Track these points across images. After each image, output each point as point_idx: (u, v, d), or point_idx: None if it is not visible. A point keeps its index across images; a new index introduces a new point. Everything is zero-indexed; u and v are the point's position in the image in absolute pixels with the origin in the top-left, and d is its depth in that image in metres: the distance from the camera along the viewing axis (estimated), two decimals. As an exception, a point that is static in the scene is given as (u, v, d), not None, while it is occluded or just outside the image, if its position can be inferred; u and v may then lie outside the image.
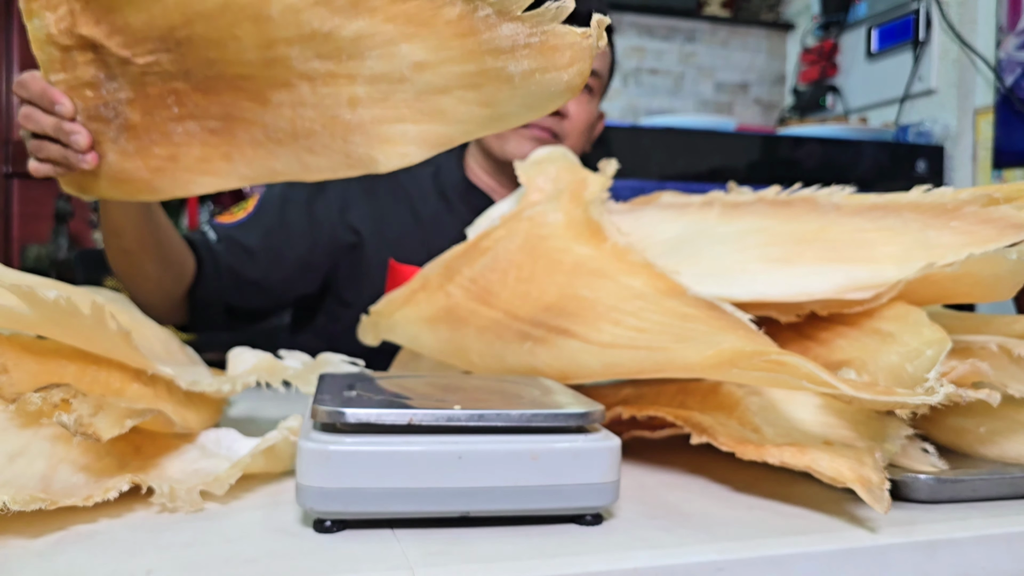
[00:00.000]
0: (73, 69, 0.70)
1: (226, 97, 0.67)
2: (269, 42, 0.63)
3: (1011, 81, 2.13)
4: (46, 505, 0.44)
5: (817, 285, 0.59)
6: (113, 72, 0.69)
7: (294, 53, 0.63)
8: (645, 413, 0.60)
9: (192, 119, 0.69)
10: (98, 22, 0.67)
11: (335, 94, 0.63)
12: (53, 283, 0.60)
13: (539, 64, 0.55)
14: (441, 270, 0.72)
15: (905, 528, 0.48)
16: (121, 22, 0.67)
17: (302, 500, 0.45)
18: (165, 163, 0.71)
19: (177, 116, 0.69)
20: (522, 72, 0.55)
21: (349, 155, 0.64)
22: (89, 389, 0.54)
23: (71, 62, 0.70)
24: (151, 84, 0.69)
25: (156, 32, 0.66)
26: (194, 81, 0.68)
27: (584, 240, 0.67)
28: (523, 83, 0.55)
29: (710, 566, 0.44)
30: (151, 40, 0.67)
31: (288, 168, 0.68)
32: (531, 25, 0.54)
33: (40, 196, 2.78)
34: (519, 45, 0.55)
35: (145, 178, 0.72)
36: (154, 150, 0.70)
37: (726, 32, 2.93)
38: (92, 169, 0.72)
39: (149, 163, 0.71)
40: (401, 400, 0.50)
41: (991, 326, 0.62)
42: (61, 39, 0.69)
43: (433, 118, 0.58)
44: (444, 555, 0.43)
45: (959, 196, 0.62)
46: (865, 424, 0.54)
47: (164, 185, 0.72)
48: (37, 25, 0.69)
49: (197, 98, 0.68)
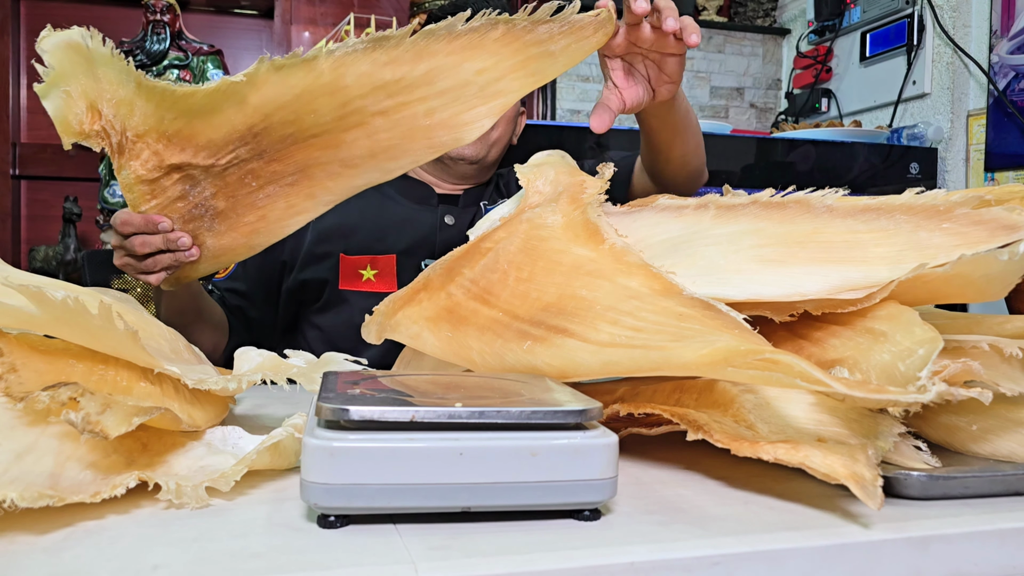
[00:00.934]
0: (163, 193, 0.80)
1: (299, 156, 0.76)
2: (343, 103, 0.72)
3: (1003, 85, 2.15)
4: (54, 502, 0.45)
5: (811, 285, 0.60)
6: (197, 180, 0.79)
7: (367, 103, 0.73)
8: (642, 410, 0.61)
9: (271, 184, 0.78)
10: (183, 149, 0.77)
11: (411, 115, 0.73)
12: (61, 284, 0.61)
13: (573, 39, 0.73)
14: (442, 271, 0.72)
15: (898, 524, 0.49)
16: (204, 140, 0.76)
17: (306, 496, 0.46)
18: (257, 224, 0.80)
19: (257, 187, 0.78)
20: (561, 48, 0.73)
21: (432, 146, 0.75)
22: (97, 388, 0.55)
23: (160, 188, 0.80)
24: (230, 174, 0.78)
25: (236, 135, 0.75)
26: (267, 157, 0.77)
27: (582, 241, 0.67)
28: (563, 54, 0.73)
29: (706, 560, 0.45)
30: (232, 143, 0.76)
31: (369, 180, 0.78)
32: (559, 22, 0.72)
33: (48, 198, 2.78)
34: (555, 34, 0.72)
35: (243, 243, 0.82)
36: (244, 220, 0.80)
37: (721, 38, 2.94)
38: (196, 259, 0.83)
39: (242, 231, 0.81)
40: (403, 398, 0.51)
41: (982, 326, 0.63)
42: (149, 175, 0.78)
43: (496, 96, 0.73)
44: (445, 549, 0.43)
45: (951, 198, 0.63)
46: (858, 422, 0.55)
47: (260, 241, 0.82)
48: (126, 175, 0.78)
49: (273, 167, 0.77)
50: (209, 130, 0.75)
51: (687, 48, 0.80)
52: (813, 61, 2.78)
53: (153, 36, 2.47)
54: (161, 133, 0.76)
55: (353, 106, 0.72)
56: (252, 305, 1.20)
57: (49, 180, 2.78)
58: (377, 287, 1.20)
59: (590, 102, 2.79)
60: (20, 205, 2.79)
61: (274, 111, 0.73)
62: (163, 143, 0.76)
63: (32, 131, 2.77)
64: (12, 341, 0.56)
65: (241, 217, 0.80)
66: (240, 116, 0.74)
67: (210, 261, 0.84)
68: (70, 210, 2.57)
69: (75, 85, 0.74)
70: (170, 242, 0.81)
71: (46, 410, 0.51)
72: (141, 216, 0.81)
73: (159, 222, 0.80)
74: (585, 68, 2.80)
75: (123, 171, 0.78)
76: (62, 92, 0.74)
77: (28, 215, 2.80)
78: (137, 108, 0.75)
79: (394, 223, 1.23)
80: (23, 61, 2.75)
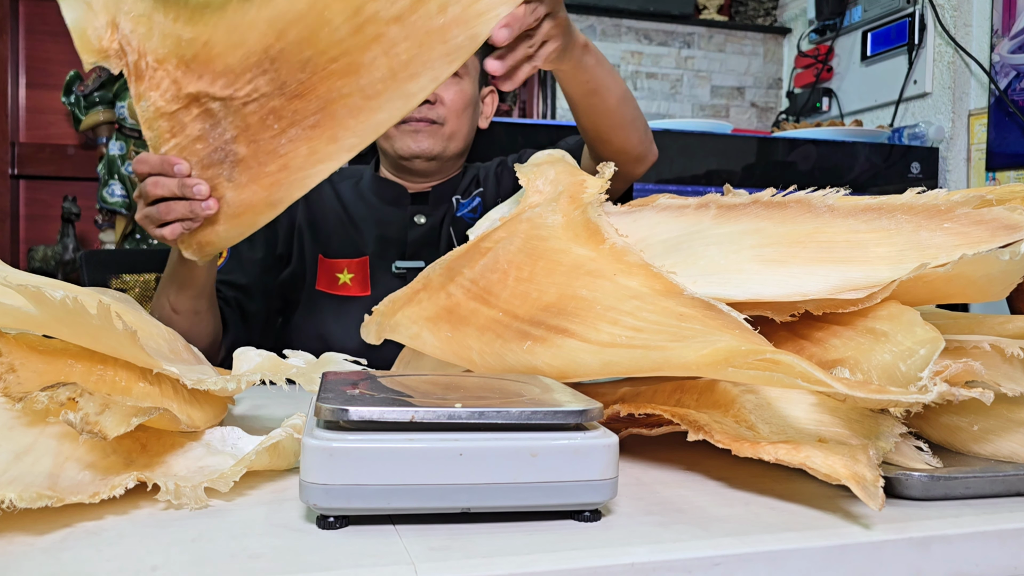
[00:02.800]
0: (182, 130, 0.78)
1: (320, 89, 0.74)
2: (357, 8, 0.71)
3: (1005, 84, 2.15)
4: (52, 502, 0.45)
5: (811, 285, 0.60)
6: (217, 118, 0.77)
7: (380, 5, 0.71)
8: (642, 411, 0.60)
9: (293, 126, 0.76)
10: (200, 76, 0.76)
11: (424, 14, 0.71)
12: (60, 283, 0.61)
13: None
14: (442, 271, 0.72)
15: (899, 525, 0.49)
16: (221, 66, 0.75)
17: (306, 496, 0.46)
18: (279, 175, 0.78)
19: (279, 131, 0.76)
20: None
21: (449, 52, 0.72)
22: (95, 388, 0.55)
23: (179, 125, 0.78)
24: (251, 114, 0.76)
25: (253, 58, 0.74)
26: (289, 91, 0.75)
27: (582, 241, 0.67)
28: None
29: (706, 561, 0.44)
30: (249, 69, 0.75)
31: (391, 110, 0.75)
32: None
33: (46, 198, 2.78)
34: None
35: (263, 198, 0.79)
36: (266, 170, 0.78)
37: (722, 37, 2.94)
38: (212, 217, 0.80)
39: (263, 183, 0.78)
40: (403, 398, 0.50)
41: (984, 326, 0.63)
42: (169, 107, 0.77)
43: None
44: (445, 550, 0.43)
45: (952, 198, 0.63)
46: (859, 422, 0.55)
47: (281, 195, 0.79)
48: (145, 107, 0.77)
49: (295, 105, 0.75)
50: (226, 53, 0.74)
51: None
52: (814, 60, 2.78)
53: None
54: (180, 58, 0.75)
55: (367, 11, 0.71)
56: (250, 299, 1.19)
57: (48, 180, 2.78)
58: (352, 291, 1.22)
59: (591, 101, 2.78)
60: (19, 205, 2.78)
61: (287, 26, 0.72)
62: (182, 69, 0.75)
63: (31, 131, 2.77)
64: (11, 341, 0.56)
65: (263, 166, 0.77)
66: (254, 34, 0.73)
67: (230, 221, 0.81)
68: (69, 210, 2.57)
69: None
70: (185, 187, 0.78)
71: (45, 410, 0.51)
72: (158, 156, 0.79)
73: (176, 163, 0.78)
74: (586, 67, 2.79)
75: (142, 102, 0.76)
76: (82, 4, 0.73)
77: (27, 215, 2.80)
78: (156, 25, 0.74)
79: (367, 224, 1.25)
80: (22, 61, 2.75)
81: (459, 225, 1.27)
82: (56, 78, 2.68)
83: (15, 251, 2.73)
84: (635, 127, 1.05)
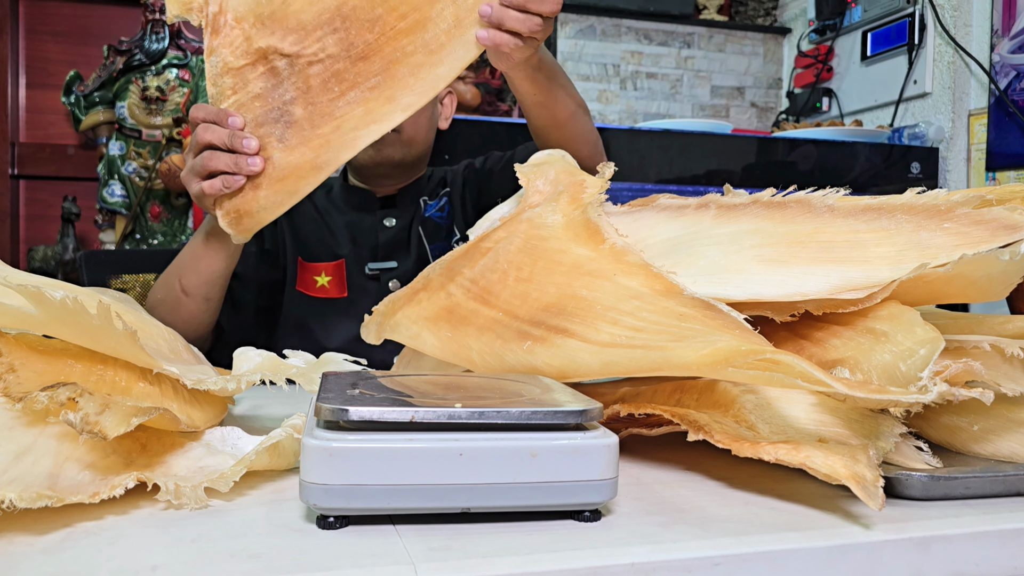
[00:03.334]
0: (244, 87, 0.80)
1: (386, 49, 0.77)
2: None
3: (1005, 84, 2.15)
4: (52, 502, 0.45)
5: (811, 285, 0.60)
6: (280, 77, 0.79)
7: None
8: (642, 411, 0.60)
9: (354, 88, 0.78)
10: (273, 31, 0.78)
11: None
12: (60, 283, 0.61)
13: None
14: (442, 271, 0.72)
15: (899, 525, 0.49)
16: (295, 21, 0.77)
17: (306, 496, 0.46)
18: (330, 136, 0.78)
19: (339, 93, 0.78)
20: None
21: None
22: (95, 388, 0.55)
23: (242, 81, 0.79)
24: (315, 75, 0.78)
25: (327, 15, 0.76)
26: (355, 53, 0.77)
27: (582, 241, 0.67)
28: None
29: (706, 561, 0.44)
30: (321, 26, 0.77)
31: (453, 62, 0.78)
32: None
33: (46, 197, 2.78)
34: None
35: (310, 159, 0.79)
36: (318, 131, 0.78)
37: (722, 37, 2.94)
38: (256, 180, 0.80)
39: (312, 144, 0.79)
40: (403, 398, 0.50)
41: (984, 326, 0.63)
42: (236, 62, 0.79)
43: None
44: (445, 550, 0.43)
45: (952, 198, 0.63)
46: (859, 422, 0.55)
47: (328, 157, 0.79)
48: (215, 62, 0.79)
49: (359, 67, 0.77)
50: (302, 8, 0.76)
51: None
52: (814, 60, 2.78)
53: (152, 35, 2.47)
54: (257, 16, 0.77)
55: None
56: (244, 288, 1.20)
57: (48, 180, 2.78)
58: (330, 293, 1.24)
59: (590, 101, 2.79)
60: (19, 205, 2.79)
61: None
62: (257, 27, 0.77)
63: (31, 131, 2.77)
64: (11, 341, 0.56)
65: (315, 128, 0.78)
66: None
67: (273, 185, 0.80)
68: (69, 210, 2.57)
69: None
70: (236, 139, 0.79)
71: (45, 410, 0.51)
72: (215, 107, 0.81)
73: (231, 115, 0.79)
74: (585, 67, 2.80)
75: (212, 57, 0.78)
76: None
77: (27, 215, 2.80)
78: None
79: (340, 229, 1.28)
80: (22, 61, 2.75)
81: (428, 225, 1.30)
82: (56, 78, 2.68)
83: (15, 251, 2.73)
84: (585, 141, 1.07)
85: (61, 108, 2.66)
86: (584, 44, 2.79)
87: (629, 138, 2.07)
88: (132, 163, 2.49)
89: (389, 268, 1.25)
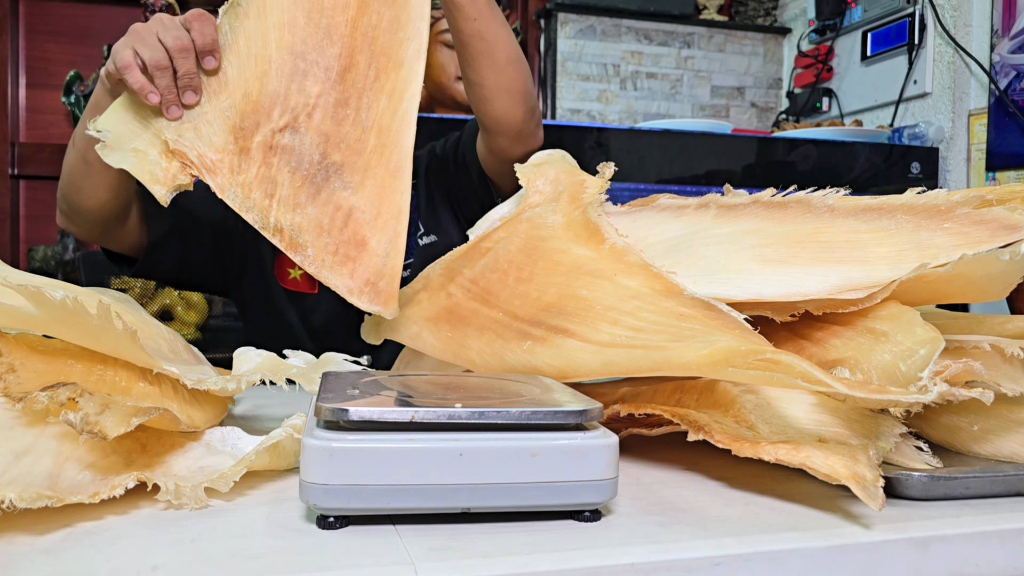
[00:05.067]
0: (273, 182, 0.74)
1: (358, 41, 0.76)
2: None
3: (1005, 84, 2.15)
4: (52, 502, 0.45)
5: (811, 285, 0.60)
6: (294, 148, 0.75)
7: None
8: (642, 411, 0.60)
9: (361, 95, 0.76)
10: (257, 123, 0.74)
11: None
12: (60, 283, 0.61)
13: None
14: (442, 271, 0.72)
15: (899, 525, 0.49)
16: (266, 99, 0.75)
17: (306, 496, 0.46)
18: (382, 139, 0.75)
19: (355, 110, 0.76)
20: None
21: None
22: (95, 388, 0.55)
23: (269, 182, 0.74)
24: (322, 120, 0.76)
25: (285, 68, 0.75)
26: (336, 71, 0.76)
27: (583, 241, 0.67)
28: None
29: (706, 561, 0.44)
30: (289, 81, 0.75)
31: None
32: None
33: (46, 197, 2.78)
34: None
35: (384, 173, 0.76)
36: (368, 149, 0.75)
37: (722, 37, 2.94)
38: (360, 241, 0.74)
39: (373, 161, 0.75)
40: (403, 398, 0.50)
41: (984, 326, 0.63)
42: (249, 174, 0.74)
43: None
44: (445, 550, 0.43)
45: (952, 198, 0.63)
46: (859, 422, 0.55)
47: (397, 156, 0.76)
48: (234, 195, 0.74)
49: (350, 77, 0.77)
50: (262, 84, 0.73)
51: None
52: (814, 60, 2.78)
53: (153, 35, 2.46)
54: (232, 128, 0.73)
55: None
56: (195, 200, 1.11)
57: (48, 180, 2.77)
58: (301, 287, 1.22)
59: (590, 101, 2.79)
60: (19, 205, 2.78)
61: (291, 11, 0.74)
62: (239, 135, 0.73)
63: (31, 131, 2.77)
64: (11, 341, 0.56)
65: (364, 149, 0.74)
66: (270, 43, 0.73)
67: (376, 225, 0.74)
68: (69, 210, 2.57)
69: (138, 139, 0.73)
70: None
71: (45, 410, 0.51)
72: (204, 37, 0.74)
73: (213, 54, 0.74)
74: (585, 67, 2.80)
75: (227, 193, 0.73)
76: (131, 152, 0.72)
77: (27, 215, 2.80)
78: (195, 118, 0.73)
79: None
80: (22, 61, 2.75)
81: None
82: (56, 78, 2.68)
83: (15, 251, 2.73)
84: (523, 99, 1.01)
85: (61, 108, 2.66)
86: (584, 44, 2.79)
87: (629, 138, 2.06)
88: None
89: None
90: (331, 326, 1.20)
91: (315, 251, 0.73)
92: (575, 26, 2.78)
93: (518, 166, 0.83)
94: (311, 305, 1.22)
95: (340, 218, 0.74)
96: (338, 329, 1.20)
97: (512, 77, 0.99)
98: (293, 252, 0.73)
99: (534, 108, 1.05)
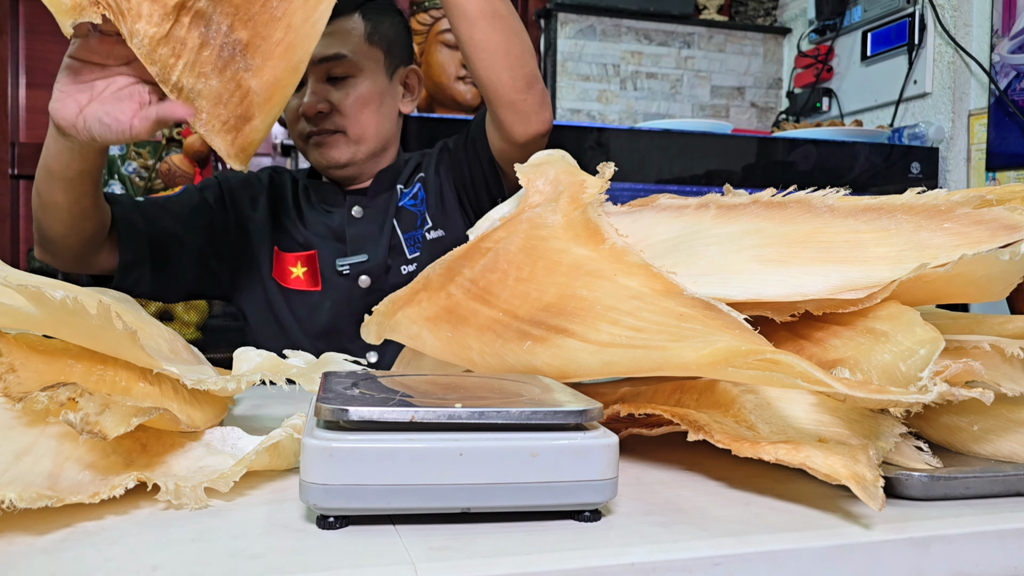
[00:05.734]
0: (183, 47, 0.78)
1: None
2: None
3: (1005, 84, 2.15)
4: (52, 502, 0.45)
5: (811, 285, 0.60)
6: (208, 15, 0.77)
7: None
8: (642, 411, 0.60)
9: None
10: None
11: None
12: (60, 283, 0.61)
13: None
14: (442, 271, 0.72)
15: (899, 525, 0.49)
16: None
17: (306, 496, 0.46)
18: (287, 38, 0.79)
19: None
20: None
21: None
22: (95, 388, 0.55)
23: (178, 43, 0.78)
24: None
25: None
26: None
27: (582, 241, 0.67)
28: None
29: (706, 561, 0.44)
30: None
31: None
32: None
33: (45, 198, 2.78)
34: None
35: (283, 67, 0.80)
36: (273, 39, 0.79)
37: (722, 37, 2.94)
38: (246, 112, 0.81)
39: (277, 52, 0.79)
40: (403, 398, 0.50)
41: (984, 326, 0.63)
42: (161, 29, 0.77)
43: None
44: (445, 550, 0.43)
45: (952, 198, 0.63)
46: (859, 422, 0.55)
47: (299, 56, 0.80)
48: (139, 43, 0.77)
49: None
50: None
51: None
52: (814, 60, 2.78)
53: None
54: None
55: None
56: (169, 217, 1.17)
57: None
58: (304, 285, 1.23)
59: (590, 101, 2.79)
60: (19, 205, 2.78)
61: None
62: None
63: (31, 131, 2.77)
64: (11, 341, 0.56)
65: (269, 39, 0.78)
66: None
67: (263, 109, 0.81)
68: (69, 210, 2.57)
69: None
70: None
71: (45, 410, 0.51)
72: None
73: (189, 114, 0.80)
74: (585, 67, 2.80)
75: (134, 40, 0.76)
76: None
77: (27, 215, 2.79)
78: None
79: (311, 222, 1.27)
80: (22, 61, 2.75)
81: (402, 216, 1.26)
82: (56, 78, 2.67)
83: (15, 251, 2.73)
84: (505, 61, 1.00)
85: (61, 108, 2.66)
86: (584, 44, 2.79)
87: (629, 138, 2.07)
88: (132, 163, 2.49)
89: (359, 262, 1.22)
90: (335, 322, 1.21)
91: (208, 117, 0.81)
92: (575, 26, 2.78)
93: (518, 166, 0.83)
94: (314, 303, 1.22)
95: (238, 96, 0.81)
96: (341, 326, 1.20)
97: (485, 32, 0.98)
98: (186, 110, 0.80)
99: (527, 78, 1.02)
